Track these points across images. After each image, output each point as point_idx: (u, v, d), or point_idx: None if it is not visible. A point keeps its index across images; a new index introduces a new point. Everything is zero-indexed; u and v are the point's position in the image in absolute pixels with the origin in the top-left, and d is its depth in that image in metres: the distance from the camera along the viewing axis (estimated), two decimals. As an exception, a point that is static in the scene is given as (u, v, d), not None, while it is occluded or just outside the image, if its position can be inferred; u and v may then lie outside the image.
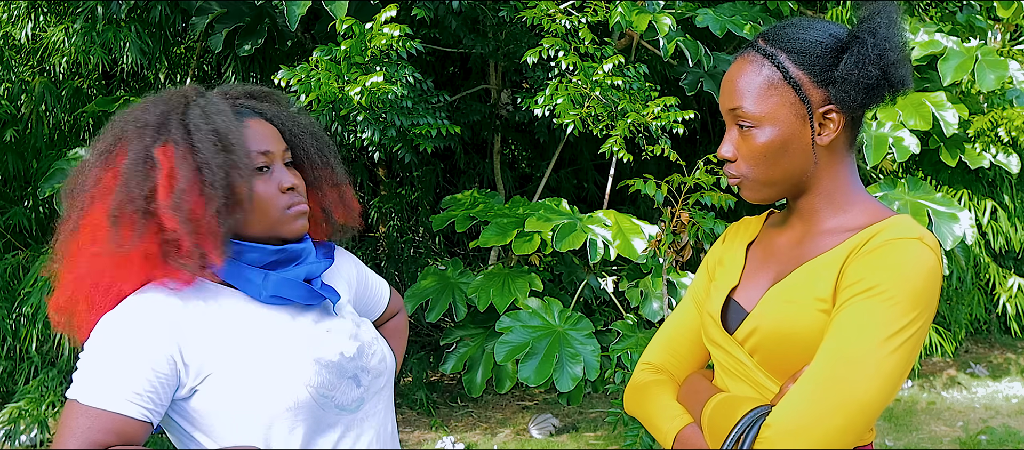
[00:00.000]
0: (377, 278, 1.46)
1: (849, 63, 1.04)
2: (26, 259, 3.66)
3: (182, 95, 1.16)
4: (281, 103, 1.27)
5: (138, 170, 1.07)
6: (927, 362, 5.02)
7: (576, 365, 3.28)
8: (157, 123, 1.11)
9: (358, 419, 1.16)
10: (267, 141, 1.17)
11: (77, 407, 1.00)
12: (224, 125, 1.11)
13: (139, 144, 1.09)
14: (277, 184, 1.16)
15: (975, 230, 4.03)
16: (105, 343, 1.04)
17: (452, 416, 4.18)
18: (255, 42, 3.81)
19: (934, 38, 4.05)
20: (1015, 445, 3.82)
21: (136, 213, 1.06)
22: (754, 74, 1.09)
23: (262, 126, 1.18)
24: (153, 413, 1.03)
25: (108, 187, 1.08)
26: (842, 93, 1.05)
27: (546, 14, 3.46)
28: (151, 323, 1.05)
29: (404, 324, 1.56)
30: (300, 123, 1.27)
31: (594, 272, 4.00)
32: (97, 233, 1.07)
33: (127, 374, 1.02)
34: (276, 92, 1.29)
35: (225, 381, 1.07)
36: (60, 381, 3.53)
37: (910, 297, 0.97)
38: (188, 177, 1.07)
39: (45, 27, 4.32)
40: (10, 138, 4.06)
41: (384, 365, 1.23)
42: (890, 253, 1.00)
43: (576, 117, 3.37)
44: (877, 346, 0.96)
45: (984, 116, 4.10)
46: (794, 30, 1.09)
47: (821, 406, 0.95)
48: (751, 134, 1.09)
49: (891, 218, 1.06)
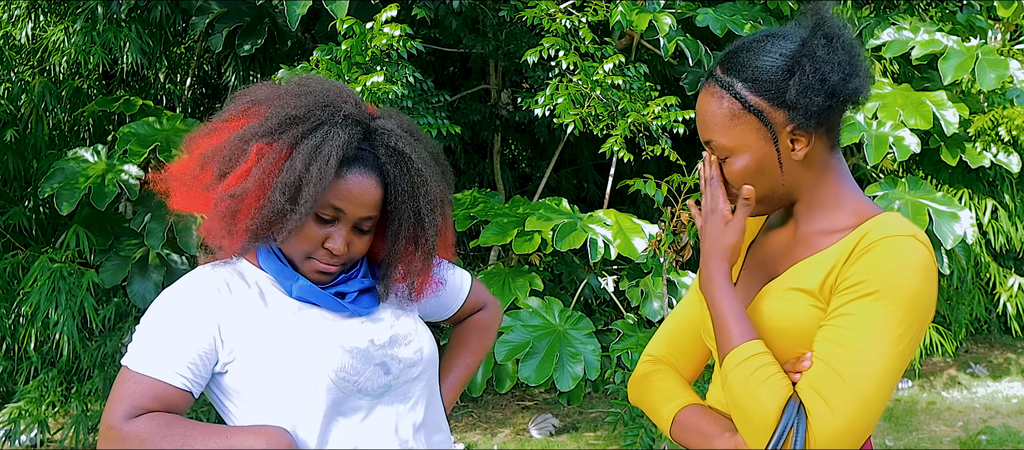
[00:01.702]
0: (456, 271, 1.42)
1: (793, 91, 1.05)
2: (26, 259, 3.65)
3: (329, 113, 1.14)
4: (421, 173, 1.18)
5: (237, 148, 1.12)
6: (927, 362, 5.02)
7: (576, 365, 3.28)
8: (282, 121, 1.12)
9: (384, 404, 1.18)
10: (357, 200, 1.14)
11: (127, 373, 1.11)
12: (320, 171, 1.09)
13: (256, 128, 1.13)
14: (323, 238, 1.15)
15: (976, 229, 4.03)
16: (158, 317, 1.13)
17: (452, 416, 4.18)
18: (255, 42, 3.81)
19: (934, 38, 4.05)
20: (1015, 445, 3.82)
21: (212, 172, 1.13)
22: (717, 107, 1.10)
23: (369, 185, 1.14)
24: (194, 384, 1.11)
25: (219, 135, 1.15)
26: (798, 116, 1.07)
27: (546, 14, 3.45)
28: (198, 302, 1.13)
29: (492, 320, 1.50)
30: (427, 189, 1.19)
31: (594, 272, 3.99)
32: (190, 160, 1.16)
33: (173, 347, 1.10)
34: (432, 166, 1.21)
35: (253, 361, 1.13)
36: (60, 381, 3.52)
37: (910, 296, 0.99)
38: (257, 182, 1.10)
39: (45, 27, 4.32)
40: (10, 138, 4.06)
41: (419, 355, 1.23)
42: (886, 252, 1.01)
43: (576, 117, 3.37)
44: (889, 347, 0.98)
45: (984, 115, 4.10)
46: (748, 55, 1.09)
47: (852, 408, 0.97)
48: (728, 163, 1.12)
49: (880, 216, 1.08)
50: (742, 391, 1.03)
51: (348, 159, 1.13)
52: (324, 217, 1.14)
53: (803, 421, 0.98)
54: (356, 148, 1.14)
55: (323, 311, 1.18)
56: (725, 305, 1.09)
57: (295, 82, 1.21)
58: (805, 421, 0.98)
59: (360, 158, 1.14)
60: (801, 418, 0.98)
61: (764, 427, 1.00)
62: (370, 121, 1.18)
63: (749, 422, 1.02)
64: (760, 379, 1.01)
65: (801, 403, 0.99)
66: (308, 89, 1.17)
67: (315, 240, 1.15)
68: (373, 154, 1.16)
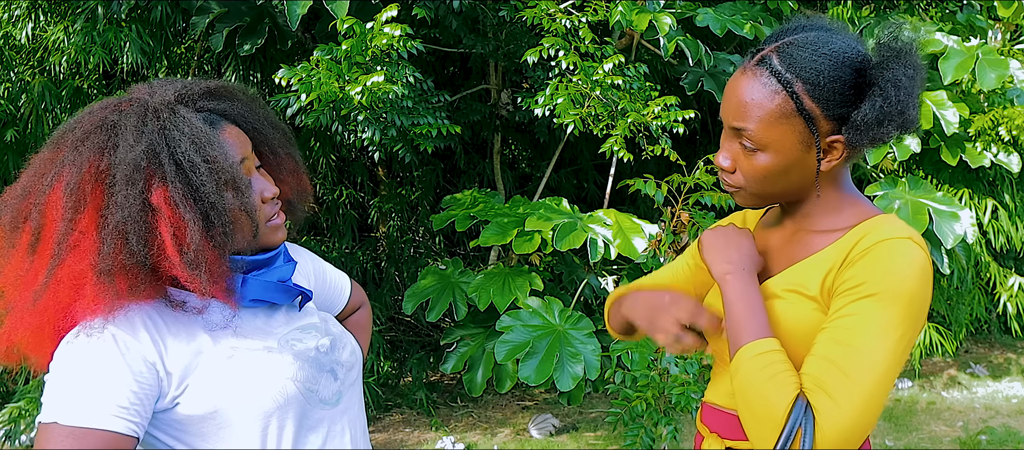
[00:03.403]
0: (335, 271, 1.43)
1: (868, 113, 1.02)
2: (26, 259, 3.66)
3: (146, 111, 1.03)
4: (240, 96, 1.17)
5: (137, 223, 0.97)
6: (927, 362, 5.02)
7: (576, 364, 3.28)
8: (144, 160, 0.98)
9: (338, 413, 1.16)
10: (243, 145, 1.11)
11: (57, 430, 0.92)
12: (213, 152, 1.02)
13: (130, 191, 0.97)
14: (259, 195, 1.12)
15: (976, 229, 4.03)
16: (79, 357, 0.97)
17: (452, 416, 4.17)
18: (255, 42, 3.81)
19: (934, 37, 4.05)
20: (1015, 445, 3.82)
21: (138, 267, 0.98)
22: (765, 99, 1.04)
23: (233, 133, 1.11)
24: (139, 427, 0.97)
25: (89, 238, 0.97)
26: (854, 134, 1.04)
27: (546, 14, 3.45)
28: (129, 332, 1.00)
29: (368, 319, 1.53)
30: (259, 115, 1.19)
31: (594, 271, 3.99)
32: (81, 283, 0.98)
33: (110, 387, 0.95)
34: (231, 85, 1.18)
35: (210, 385, 1.03)
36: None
37: (909, 297, 1.00)
38: (196, 225, 0.99)
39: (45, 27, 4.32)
40: (10, 138, 4.06)
41: (355, 358, 1.23)
42: (885, 255, 1.02)
43: (576, 117, 3.37)
44: (891, 346, 0.99)
45: (985, 115, 4.10)
46: (811, 54, 1.03)
47: (858, 407, 0.97)
48: (753, 155, 1.07)
49: (878, 217, 1.09)
50: (751, 386, 1.02)
51: (200, 131, 1.04)
52: (242, 184, 1.08)
53: (811, 420, 0.98)
54: (194, 121, 1.05)
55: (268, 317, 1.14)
56: (748, 299, 1.07)
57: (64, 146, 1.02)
58: (813, 420, 0.98)
59: (208, 121, 1.08)
60: (809, 417, 0.98)
61: (771, 424, 0.99)
62: (164, 96, 1.07)
63: (756, 418, 1.02)
64: (770, 375, 1.01)
65: (808, 402, 0.99)
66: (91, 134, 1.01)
67: (256, 204, 1.11)
68: (204, 110, 1.09)
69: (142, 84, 1.14)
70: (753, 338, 1.04)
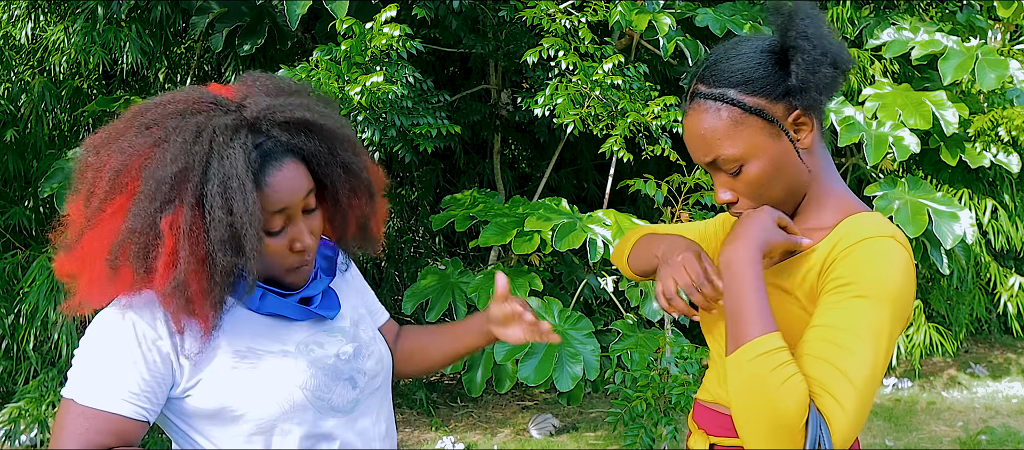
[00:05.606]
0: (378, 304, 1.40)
1: (801, 71, 1.05)
2: (26, 259, 3.65)
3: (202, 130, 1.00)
4: (326, 134, 1.10)
5: (142, 235, 0.99)
6: (927, 362, 5.02)
7: (576, 365, 3.28)
8: (172, 182, 0.98)
9: (352, 420, 1.15)
10: (292, 193, 1.05)
11: (74, 407, 1.00)
12: (239, 205, 0.98)
13: (148, 205, 0.98)
14: (289, 243, 1.08)
15: (976, 229, 4.03)
16: (100, 341, 1.03)
17: (452, 416, 4.17)
18: (255, 42, 3.81)
19: (934, 38, 4.05)
20: (1015, 445, 3.82)
21: (133, 271, 1.00)
22: (715, 121, 1.08)
23: (291, 173, 1.05)
24: (150, 412, 1.03)
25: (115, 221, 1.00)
26: (805, 98, 1.06)
27: (546, 14, 3.46)
28: (147, 321, 1.03)
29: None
30: (339, 159, 1.12)
31: (594, 272, 3.99)
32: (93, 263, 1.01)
33: (123, 373, 1.01)
34: (328, 120, 1.11)
35: (220, 383, 1.05)
36: (60, 381, 3.52)
37: (894, 296, 1.02)
38: (190, 263, 0.99)
39: (45, 27, 4.32)
40: (10, 138, 4.06)
41: (381, 365, 1.22)
42: (870, 254, 1.03)
43: (576, 117, 3.37)
44: (882, 346, 1.00)
45: (984, 115, 4.10)
46: (727, 63, 1.09)
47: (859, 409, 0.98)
48: (742, 173, 1.09)
49: (860, 215, 1.10)
50: (757, 388, 0.98)
51: (255, 168, 1.01)
52: (274, 230, 1.06)
53: (825, 427, 0.97)
54: (254, 151, 1.02)
55: (290, 321, 1.13)
56: (753, 291, 1.03)
57: (135, 124, 1.03)
58: (826, 426, 0.97)
59: (265, 156, 1.03)
60: (822, 423, 0.97)
61: (783, 431, 0.96)
62: (242, 112, 1.04)
63: (758, 422, 0.98)
64: (780, 379, 0.97)
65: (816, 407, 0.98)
66: (157, 123, 1.02)
67: (281, 251, 1.08)
68: (273, 140, 1.04)
69: (246, 78, 1.12)
70: (759, 333, 1.00)
